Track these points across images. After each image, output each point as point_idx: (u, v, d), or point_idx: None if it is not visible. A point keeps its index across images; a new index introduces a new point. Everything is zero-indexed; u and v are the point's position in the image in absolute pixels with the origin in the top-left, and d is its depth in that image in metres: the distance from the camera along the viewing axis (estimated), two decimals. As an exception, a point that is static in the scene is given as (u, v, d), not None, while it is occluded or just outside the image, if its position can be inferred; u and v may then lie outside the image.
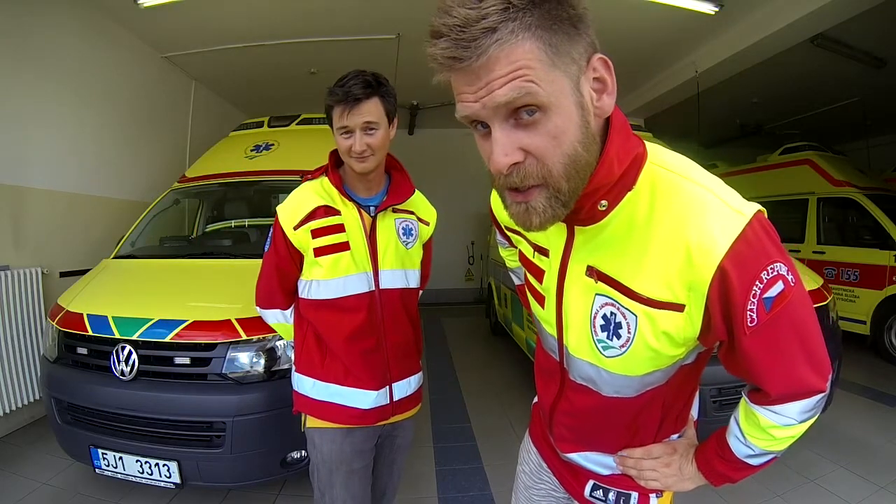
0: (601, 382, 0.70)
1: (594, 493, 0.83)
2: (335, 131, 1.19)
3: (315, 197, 1.23)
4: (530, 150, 0.52)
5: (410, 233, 1.32)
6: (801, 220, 5.10)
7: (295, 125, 3.78)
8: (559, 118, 0.51)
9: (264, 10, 3.82)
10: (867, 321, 4.38)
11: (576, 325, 0.69)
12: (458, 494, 2.30)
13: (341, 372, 1.24)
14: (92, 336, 2.05)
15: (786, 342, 0.58)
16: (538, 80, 0.48)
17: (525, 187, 0.54)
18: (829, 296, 2.70)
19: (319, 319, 1.24)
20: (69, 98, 3.42)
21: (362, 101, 1.13)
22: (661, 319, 0.60)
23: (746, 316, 0.56)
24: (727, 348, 0.62)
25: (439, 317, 6.54)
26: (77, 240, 3.44)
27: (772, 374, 0.60)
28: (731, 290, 0.55)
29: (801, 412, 0.64)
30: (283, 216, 1.22)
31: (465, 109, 0.52)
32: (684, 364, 0.68)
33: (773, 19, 3.70)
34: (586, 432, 0.79)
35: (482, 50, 0.47)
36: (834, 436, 2.76)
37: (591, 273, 0.65)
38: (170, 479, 1.91)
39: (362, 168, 1.19)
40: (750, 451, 0.69)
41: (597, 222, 0.63)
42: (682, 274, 0.57)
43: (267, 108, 5.01)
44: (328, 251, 1.20)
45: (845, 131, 7.10)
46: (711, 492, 2.26)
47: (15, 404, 2.82)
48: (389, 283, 1.27)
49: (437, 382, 3.94)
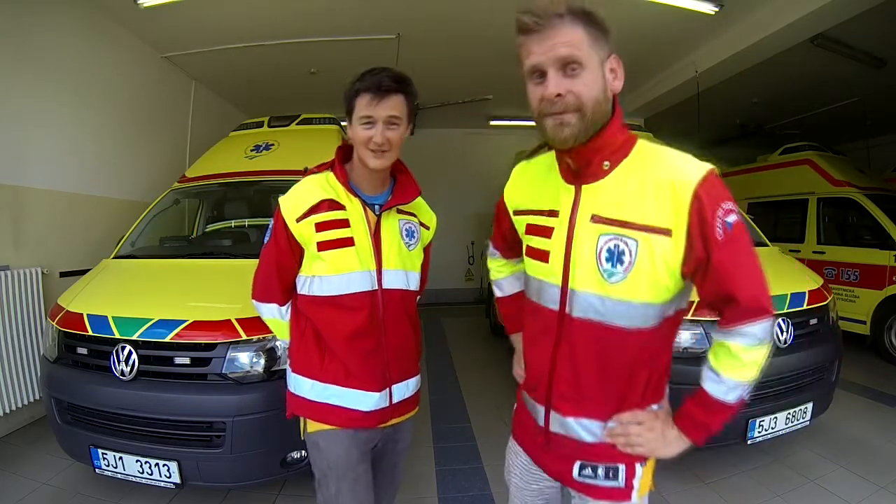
0: (604, 310, 0.84)
1: (583, 472, 0.92)
2: (355, 121, 1.14)
3: (319, 190, 1.19)
4: (571, 89, 0.78)
5: (413, 234, 1.29)
6: (800, 220, 5.11)
7: (295, 125, 3.78)
8: (590, 76, 0.79)
9: (264, 10, 3.83)
10: (867, 321, 4.38)
11: (583, 263, 0.85)
12: (458, 494, 2.30)
13: (342, 373, 1.19)
14: (92, 336, 2.05)
15: (744, 256, 0.80)
16: (582, 50, 0.78)
17: (561, 111, 0.79)
18: (829, 296, 2.70)
19: (319, 316, 1.20)
20: (69, 98, 3.42)
21: (391, 94, 1.12)
22: (655, 244, 0.79)
23: (716, 230, 0.77)
24: (703, 270, 0.80)
25: (439, 317, 6.54)
26: (77, 240, 3.44)
27: (740, 281, 0.79)
28: (704, 209, 0.77)
29: (761, 331, 0.81)
30: (286, 207, 1.17)
31: (534, 59, 0.80)
32: (668, 315, 0.86)
33: (773, 19, 3.70)
34: (584, 385, 0.89)
35: (553, 24, 0.78)
36: (834, 436, 2.76)
37: (596, 219, 0.84)
38: (170, 479, 1.91)
39: (377, 164, 1.15)
40: (724, 387, 0.84)
41: (598, 180, 0.85)
42: (670, 202, 0.78)
43: (267, 108, 5.00)
44: (332, 246, 1.16)
45: (845, 131, 7.10)
46: (712, 492, 2.26)
47: (15, 404, 2.83)
48: (392, 284, 1.23)
49: (437, 382, 3.94)
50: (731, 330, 0.83)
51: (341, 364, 1.19)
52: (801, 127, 6.75)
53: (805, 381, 2.41)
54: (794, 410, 2.35)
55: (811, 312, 2.52)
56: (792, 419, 2.35)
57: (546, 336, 0.92)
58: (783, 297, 2.45)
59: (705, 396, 0.86)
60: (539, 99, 0.81)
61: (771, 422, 2.29)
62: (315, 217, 1.16)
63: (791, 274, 2.79)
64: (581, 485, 0.93)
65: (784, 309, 2.41)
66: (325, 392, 1.20)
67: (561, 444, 0.94)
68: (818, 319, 2.56)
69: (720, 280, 0.79)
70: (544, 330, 0.92)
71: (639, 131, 4.00)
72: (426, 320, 6.67)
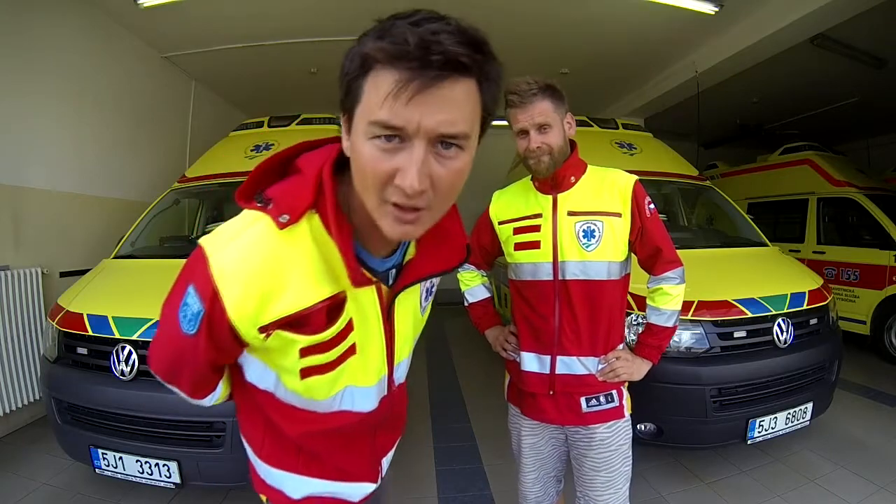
0: (587, 269, 1.24)
1: (590, 403, 1.28)
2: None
3: (303, 275, 0.60)
4: (545, 142, 1.20)
5: (432, 290, 0.85)
6: (801, 220, 5.10)
7: (295, 125, 3.78)
8: (556, 131, 1.22)
9: (264, 10, 3.83)
10: (867, 321, 4.38)
11: (568, 241, 1.25)
12: (458, 494, 2.30)
13: (331, 469, 0.80)
14: (92, 336, 2.06)
15: (661, 226, 1.29)
16: (550, 115, 1.20)
17: (538, 155, 1.21)
18: (829, 296, 2.70)
19: (285, 422, 0.74)
20: (69, 98, 3.42)
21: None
22: (614, 223, 1.24)
23: (646, 209, 1.26)
24: (640, 236, 1.27)
25: (439, 317, 6.54)
26: (77, 240, 3.44)
27: (661, 240, 1.28)
28: (638, 199, 1.26)
29: (678, 275, 1.31)
30: (233, 298, 0.57)
31: (520, 124, 1.20)
32: (624, 273, 1.30)
33: (773, 19, 3.70)
34: (582, 328, 1.26)
35: (530, 100, 1.18)
36: (834, 436, 2.76)
37: (571, 213, 1.26)
38: (170, 479, 1.91)
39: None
40: (664, 316, 1.32)
41: (568, 189, 1.28)
42: (619, 196, 1.25)
43: (267, 108, 5.01)
44: (321, 371, 0.67)
45: (845, 131, 7.10)
46: (712, 492, 2.26)
47: (15, 404, 2.83)
48: (401, 376, 0.84)
49: (437, 382, 3.94)
50: (662, 276, 1.31)
51: (329, 464, 0.80)
52: (801, 127, 6.75)
53: (805, 381, 2.41)
54: (794, 410, 2.35)
55: (811, 312, 2.52)
56: (792, 419, 2.35)
57: (547, 300, 1.28)
58: (783, 297, 2.45)
59: (654, 327, 1.33)
60: (525, 149, 1.23)
61: (771, 422, 2.29)
62: (299, 338, 0.62)
63: (791, 274, 2.78)
64: (590, 414, 1.27)
65: (784, 309, 2.41)
66: (310, 486, 0.81)
67: (565, 382, 1.27)
68: (818, 319, 2.56)
69: (650, 239, 1.27)
70: (545, 296, 1.28)
71: (639, 131, 4.01)
72: (426, 320, 6.72)
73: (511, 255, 1.36)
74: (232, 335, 0.59)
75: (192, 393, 0.74)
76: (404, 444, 1.09)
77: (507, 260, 1.40)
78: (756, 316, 2.34)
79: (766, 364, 2.28)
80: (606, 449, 1.27)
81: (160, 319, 0.68)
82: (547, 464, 1.40)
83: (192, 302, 0.59)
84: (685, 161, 3.83)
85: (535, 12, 3.91)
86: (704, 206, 4.11)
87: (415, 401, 3.49)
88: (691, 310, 2.25)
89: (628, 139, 3.70)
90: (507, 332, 1.44)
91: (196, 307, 0.59)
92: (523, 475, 1.41)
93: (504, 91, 1.09)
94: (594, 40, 4.43)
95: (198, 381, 0.71)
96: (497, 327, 1.50)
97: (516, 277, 1.36)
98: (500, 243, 1.41)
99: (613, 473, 1.27)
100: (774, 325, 2.35)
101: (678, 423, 2.25)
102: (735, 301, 2.34)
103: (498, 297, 4.93)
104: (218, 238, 0.59)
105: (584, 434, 1.29)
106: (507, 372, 1.46)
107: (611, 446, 1.27)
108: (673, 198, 3.83)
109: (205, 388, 0.73)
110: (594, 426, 1.27)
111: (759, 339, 2.33)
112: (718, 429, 2.24)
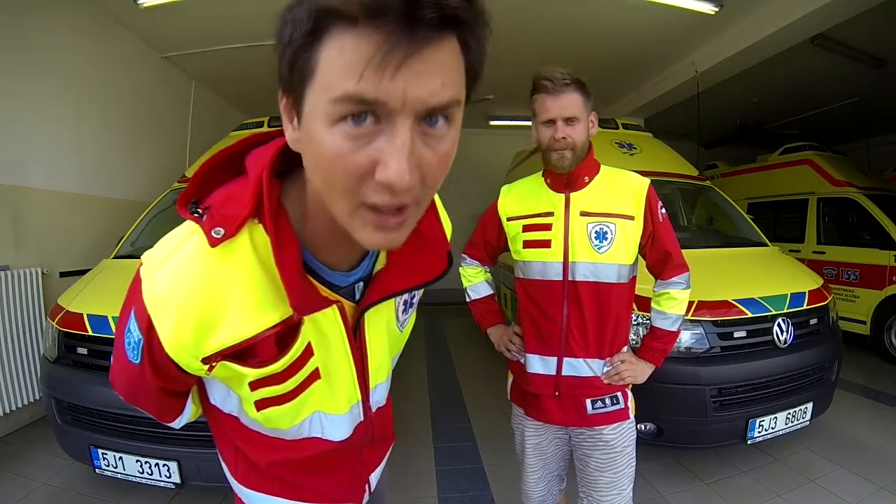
0: (598, 271, 1.22)
1: (595, 405, 1.27)
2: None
3: (240, 296, 0.50)
4: (570, 135, 1.19)
5: (412, 301, 0.74)
6: (801, 220, 5.10)
7: (295, 125, 3.77)
8: (582, 126, 1.20)
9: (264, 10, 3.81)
10: (867, 321, 4.38)
11: (580, 242, 1.23)
12: (458, 494, 2.30)
13: (309, 492, 0.72)
14: (92, 336, 2.06)
15: (671, 231, 1.28)
16: (579, 110, 1.18)
17: (562, 148, 1.19)
18: (829, 296, 2.70)
19: (252, 450, 0.68)
20: (69, 98, 3.42)
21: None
22: (626, 225, 1.23)
23: (658, 214, 1.25)
24: (651, 239, 1.26)
25: (439, 317, 6.53)
26: (77, 240, 3.44)
27: (671, 245, 1.28)
28: (650, 201, 1.24)
29: (685, 280, 1.31)
30: (169, 337, 0.50)
31: (550, 113, 1.18)
32: (633, 275, 1.27)
33: (773, 19, 3.69)
34: (590, 330, 1.24)
35: (563, 90, 1.17)
36: (834, 436, 2.76)
37: (584, 214, 1.24)
38: (170, 479, 1.91)
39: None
40: (669, 321, 1.31)
41: (582, 188, 1.26)
42: (632, 199, 1.24)
43: (267, 108, 4.98)
44: (279, 402, 0.59)
45: (845, 131, 7.10)
46: (712, 492, 2.26)
47: (15, 404, 2.82)
48: (380, 401, 0.73)
49: (437, 382, 3.94)
50: (669, 281, 1.31)
51: (307, 489, 0.73)
52: (801, 127, 6.75)
53: (805, 381, 2.41)
54: (794, 410, 2.35)
55: (811, 312, 2.52)
56: (792, 419, 2.35)
57: (555, 301, 1.25)
58: (783, 297, 2.45)
59: (659, 331, 1.32)
60: (549, 138, 1.19)
61: (771, 422, 2.29)
62: (246, 371, 0.54)
63: (791, 274, 2.78)
64: (595, 416, 1.27)
65: (784, 309, 2.41)
66: None
67: (571, 384, 1.26)
68: (818, 319, 2.56)
69: (661, 243, 1.27)
70: (553, 297, 1.26)
71: (639, 131, 4.01)
72: (426, 320, 6.64)
73: (519, 253, 1.33)
74: (174, 366, 0.52)
75: (158, 416, 0.67)
76: (404, 445, 1.08)
77: (515, 258, 1.36)
78: (756, 316, 2.34)
79: (766, 364, 2.28)
80: (612, 450, 1.27)
81: (115, 341, 0.61)
82: (550, 464, 1.40)
83: (133, 329, 0.52)
84: (685, 161, 3.83)
85: (534, 12, 3.91)
86: (704, 206, 4.11)
87: (415, 401, 3.50)
88: (691, 310, 2.25)
89: (628, 139, 3.70)
90: (512, 332, 1.41)
91: (136, 335, 0.52)
92: (527, 475, 1.41)
93: (535, 77, 1.19)
94: (594, 40, 4.43)
95: (159, 406, 0.64)
96: (500, 326, 1.47)
97: (524, 276, 1.32)
98: (507, 239, 1.38)
99: (618, 474, 1.27)
100: (774, 325, 2.35)
101: (678, 423, 2.25)
102: (735, 301, 2.34)
103: (498, 296, 4.93)
104: (154, 256, 0.51)
105: (589, 435, 1.29)
106: (511, 372, 1.44)
107: (616, 447, 1.27)
108: (673, 198, 3.83)
109: (169, 411, 0.66)
110: (599, 427, 1.27)
111: (759, 339, 2.33)
112: (718, 429, 2.24)
